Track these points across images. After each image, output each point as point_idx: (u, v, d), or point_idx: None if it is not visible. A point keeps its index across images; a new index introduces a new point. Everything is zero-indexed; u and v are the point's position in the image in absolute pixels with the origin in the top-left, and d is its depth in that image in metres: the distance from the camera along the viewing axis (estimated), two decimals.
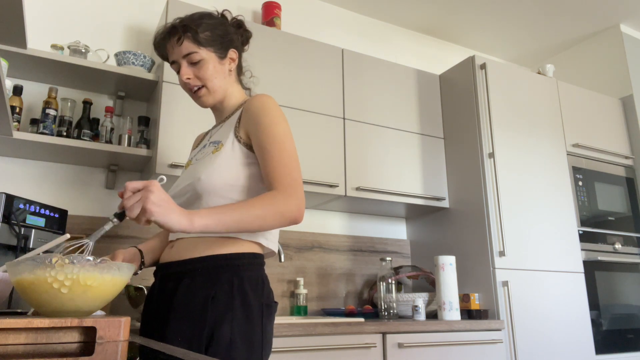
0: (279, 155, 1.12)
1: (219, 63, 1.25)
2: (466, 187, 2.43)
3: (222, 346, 1.04)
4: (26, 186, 1.98)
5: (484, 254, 2.27)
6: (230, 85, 1.30)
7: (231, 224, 1.01)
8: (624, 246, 2.69)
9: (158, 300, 1.17)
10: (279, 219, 1.07)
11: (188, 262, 1.14)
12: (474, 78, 2.49)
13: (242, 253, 1.15)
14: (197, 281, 1.11)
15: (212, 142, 1.27)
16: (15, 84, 1.87)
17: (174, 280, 1.14)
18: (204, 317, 1.06)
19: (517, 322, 2.17)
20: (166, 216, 0.93)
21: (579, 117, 2.79)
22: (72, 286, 0.74)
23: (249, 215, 1.03)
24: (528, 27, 3.22)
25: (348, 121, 2.35)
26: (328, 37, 2.89)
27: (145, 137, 2.04)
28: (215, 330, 1.05)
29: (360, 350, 1.77)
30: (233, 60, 1.29)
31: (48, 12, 2.15)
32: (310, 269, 2.42)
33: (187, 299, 1.09)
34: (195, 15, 1.24)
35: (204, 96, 1.25)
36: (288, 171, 1.11)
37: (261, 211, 1.04)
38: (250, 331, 1.09)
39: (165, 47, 1.26)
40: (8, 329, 0.68)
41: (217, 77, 1.25)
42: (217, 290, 1.09)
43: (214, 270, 1.12)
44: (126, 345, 0.71)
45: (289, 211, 1.07)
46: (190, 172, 1.24)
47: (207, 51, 1.22)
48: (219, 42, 1.25)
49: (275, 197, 1.07)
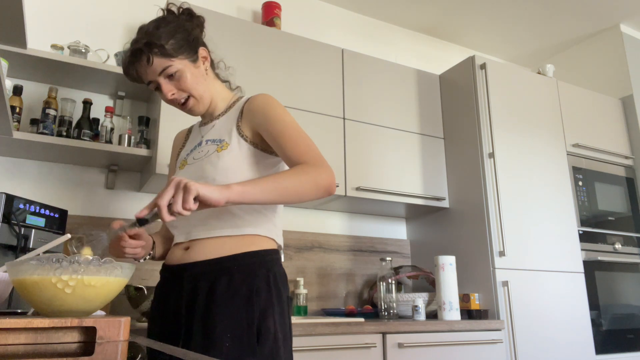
0: (297, 136, 1.13)
1: (194, 68, 1.22)
2: (466, 187, 2.43)
3: (269, 339, 1.07)
4: (26, 186, 1.98)
5: (484, 254, 2.27)
6: (212, 85, 1.28)
7: (269, 192, 1.02)
8: (624, 246, 2.69)
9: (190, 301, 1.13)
10: (314, 188, 1.07)
11: (222, 261, 1.13)
12: (474, 78, 2.49)
13: (269, 249, 1.17)
14: (236, 278, 1.11)
15: (210, 141, 1.23)
16: (15, 84, 1.87)
17: (207, 279, 1.12)
18: (251, 312, 1.07)
19: (517, 322, 2.17)
20: (209, 190, 0.94)
21: (579, 117, 2.79)
22: (76, 286, 0.74)
23: (285, 183, 1.04)
24: (528, 27, 3.22)
25: (348, 121, 2.35)
26: (328, 37, 2.89)
27: (145, 137, 2.04)
28: (262, 325, 1.07)
29: (360, 350, 1.77)
30: (205, 58, 1.26)
31: (48, 12, 2.15)
32: (310, 269, 2.42)
33: (229, 297, 1.09)
34: (150, 28, 1.18)
35: (194, 106, 1.23)
36: (310, 149, 1.13)
37: (297, 180, 1.05)
38: (284, 324, 1.13)
39: (137, 72, 1.20)
40: (8, 329, 0.68)
41: (199, 83, 1.22)
42: (257, 286, 1.10)
43: (250, 267, 1.12)
44: (126, 345, 0.71)
45: (323, 179, 1.08)
46: (196, 172, 1.20)
47: (179, 60, 1.18)
48: (186, 46, 1.20)
49: (307, 168, 1.08)
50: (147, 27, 1.19)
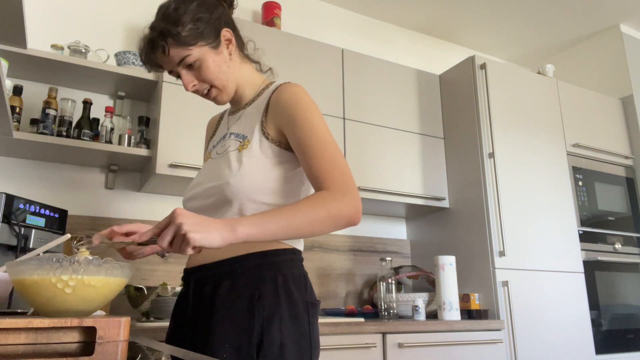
0: (322, 151, 0.99)
1: (216, 55, 1.09)
2: (466, 187, 2.43)
3: (273, 351, 0.95)
4: (26, 186, 1.98)
5: (484, 254, 2.27)
6: (238, 69, 1.15)
7: (278, 231, 0.91)
8: (624, 246, 2.69)
9: (195, 306, 1.07)
10: (332, 223, 0.95)
11: (225, 263, 1.04)
12: (474, 78, 2.49)
13: (282, 249, 1.05)
14: (239, 282, 1.01)
15: (234, 135, 1.13)
16: (15, 84, 1.87)
17: (212, 283, 1.04)
18: (252, 320, 0.97)
19: (517, 322, 2.17)
20: (209, 238, 0.84)
21: (579, 117, 2.79)
22: (76, 286, 0.74)
23: (297, 220, 0.92)
24: (528, 27, 3.22)
25: (348, 121, 2.35)
26: (328, 37, 2.89)
27: (145, 137, 2.04)
28: (264, 334, 0.96)
29: (360, 350, 1.77)
30: (229, 41, 1.12)
31: (48, 12, 2.15)
32: (310, 269, 2.42)
33: (230, 302, 1.00)
34: (169, 9, 1.06)
35: (218, 96, 1.13)
36: (336, 166, 0.98)
37: (312, 215, 0.93)
38: (298, 332, 1.00)
39: (155, 61, 1.11)
40: (8, 329, 0.68)
41: (221, 71, 1.10)
42: (261, 290, 1.00)
43: (255, 269, 1.02)
44: (126, 345, 0.71)
45: (344, 213, 0.95)
46: (213, 171, 1.11)
47: (198, 48, 1.06)
48: (207, 31, 1.07)
49: (326, 198, 0.95)
50: (166, 6, 1.07)
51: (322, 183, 0.98)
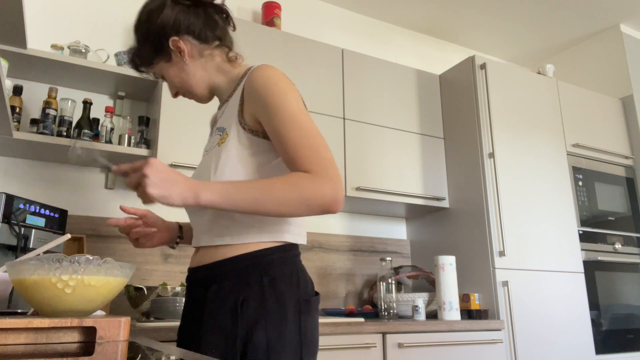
0: (297, 136, 0.95)
1: (170, 66, 1.12)
2: (466, 187, 2.43)
3: (259, 355, 0.93)
4: (26, 186, 1.98)
5: (484, 254, 2.27)
6: (203, 69, 1.13)
7: (242, 205, 0.90)
8: (624, 246, 2.69)
9: (189, 309, 1.09)
10: (305, 206, 0.91)
11: (214, 266, 1.03)
12: (474, 78, 2.49)
13: (270, 248, 1.01)
14: (225, 286, 0.99)
15: (218, 130, 1.12)
16: (15, 84, 1.87)
17: (202, 286, 1.04)
18: (235, 326, 0.94)
19: (517, 322, 2.17)
20: (166, 196, 0.88)
21: (579, 117, 2.79)
22: (76, 286, 0.74)
23: (265, 197, 0.90)
24: (528, 27, 3.22)
25: (348, 121, 2.35)
26: (328, 37, 2.89)
27: (145, 137, 2.04)
28: (248, 339, 0.93)
29: (360, 350, 1.77)
30: (180, 49, 1.09)
31: (48, 12, 2.15)
32: (310, 269, 2.42)
33: (216, 308, 0.99)
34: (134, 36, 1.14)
35: (194, 98, 1.18)
36: (314, 152, 0.94)
37: (281, 194, 0.90)
38: (288, 332, 0.97)
39: None
40: (8, 329, 0.68)
41: (182, 79, 1.13)
42: (246, 294, 0.97)
43: (242, 272, 1.00)
44: (126, 345, 0.71)
45: (319, 197, 0.90)
46: (200, 169, 1.12)
47: (158, 65, 1.13)
48: (153, 51, 1.11)
49: (302, 179, 0.91)
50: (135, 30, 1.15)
51: (301, 167, 0.94)
